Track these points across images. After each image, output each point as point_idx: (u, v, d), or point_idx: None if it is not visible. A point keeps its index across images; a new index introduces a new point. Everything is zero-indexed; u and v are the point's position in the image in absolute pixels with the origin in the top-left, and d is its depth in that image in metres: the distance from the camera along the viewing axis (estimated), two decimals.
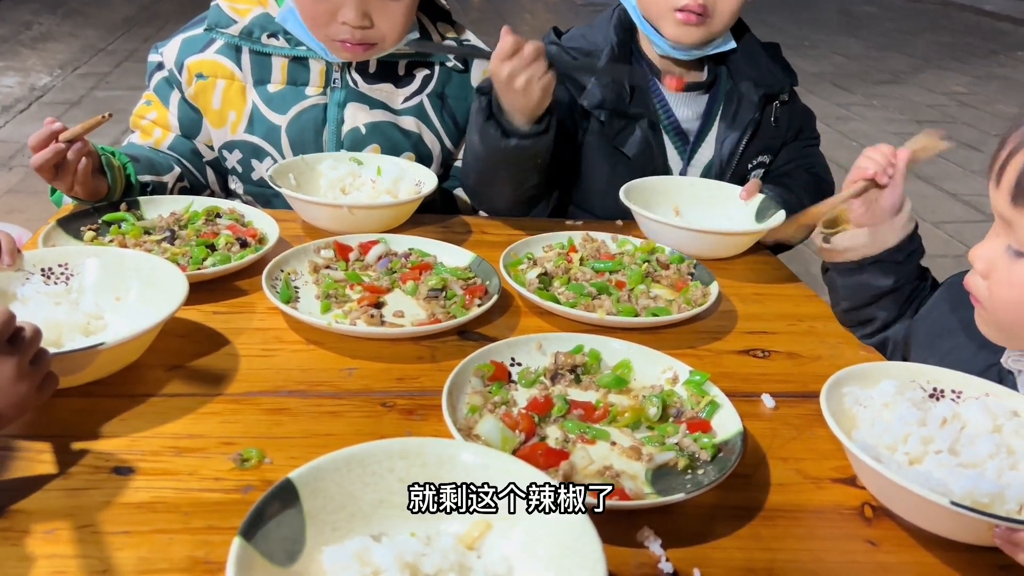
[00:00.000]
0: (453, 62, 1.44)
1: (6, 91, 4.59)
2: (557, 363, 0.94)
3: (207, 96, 1.39)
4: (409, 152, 1.44)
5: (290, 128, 1.39)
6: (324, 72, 1.38)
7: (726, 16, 1.35)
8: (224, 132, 1.40)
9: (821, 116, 5.23)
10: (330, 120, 1.40)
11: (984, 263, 0.85)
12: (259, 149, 1.40)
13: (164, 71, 1.41)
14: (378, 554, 0.59)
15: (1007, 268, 0.82)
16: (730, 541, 0.74)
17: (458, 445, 0.70)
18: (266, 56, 1.37)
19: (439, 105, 1.45)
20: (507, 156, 1.25)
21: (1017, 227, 0.81)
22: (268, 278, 1.04)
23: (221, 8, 1.38)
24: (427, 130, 1.45)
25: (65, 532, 0.68)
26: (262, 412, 0.85)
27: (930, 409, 0.82)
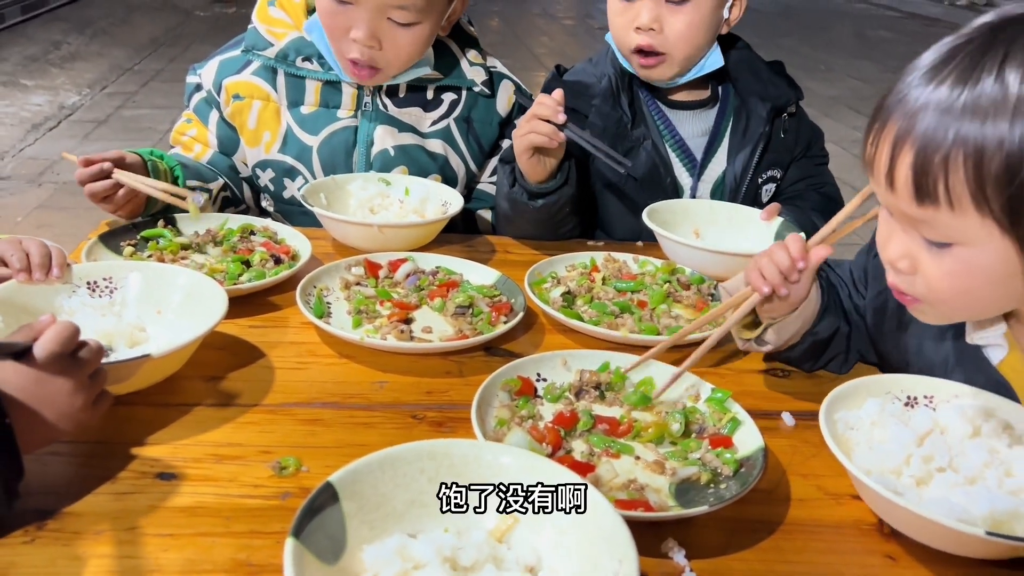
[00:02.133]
0: (480, 87, 1.48)
1: (36, 109, 4.69)
2: (582, 380, 0.96)
3: (243, 116, 1.44)
4: (436, 174, 1.48)
5: (321, 149, 1.43)
6: (356, 96, 1.43)
7: (683, 47, 1.37)
8: (258, 152, 1.45)
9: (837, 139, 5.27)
10: (360, 142, 1.44)
11: (907, 261, 0.80)
12: (291, 169, 1.45)
13: (203, 92, 1.46)
14: (417, 550, 0.63)
15: (936, 262, 0.77)
16: (752, 553, 0.76)
17: (483, 445, 0.74)
18: (300, 79, 1.42)
19: (465, 129, 1.49)
20: (538, 214, 1.34)
21: (931, 222, 0.75)
22: (302, 294, 1.08)
23: (258, 31, 1.43)
24: (453, 153, 1.49)
25: (113, 534, 0.71)
26: (298, 422, 0.88)
27: (910, 420, 0.84)
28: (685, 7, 1.35)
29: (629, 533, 0.62)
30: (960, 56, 0.73)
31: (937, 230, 0.75)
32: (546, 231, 1.39)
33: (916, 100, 0.73)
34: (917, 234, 0.78)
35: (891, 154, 0.75)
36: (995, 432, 0.82)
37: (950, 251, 0.76)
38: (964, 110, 0.70)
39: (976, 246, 0.74)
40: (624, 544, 0.62)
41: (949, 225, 0.74)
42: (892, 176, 0.75)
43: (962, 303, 0.80)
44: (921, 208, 0.74)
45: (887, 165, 0.76)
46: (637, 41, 1.37)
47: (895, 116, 0.75)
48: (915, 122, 0.73)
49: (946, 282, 0.78)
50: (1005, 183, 0.70)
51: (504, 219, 1.42)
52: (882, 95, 0.79)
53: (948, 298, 0.80)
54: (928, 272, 0.79)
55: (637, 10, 1.36)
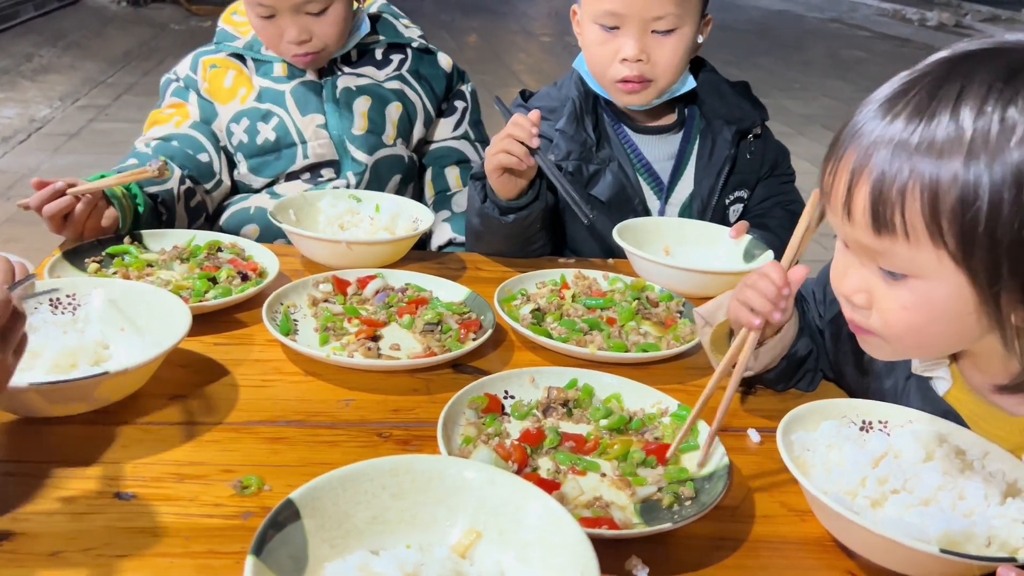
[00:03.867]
0: (418, 42, 1.65)
1: (5, 122, 4.64)
2: (550, 397, 0.96)
3: (219, 80, 1.55)
4: (396, 102, 1.60)
5: (294, 91, 1.54)
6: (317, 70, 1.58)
7: (668, 75, 1.39)
8: (234, 104, 1.54)
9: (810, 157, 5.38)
10: (327, 87, 1.56)
11: (863, 296, 0.80)
12: (267, 113, 1.54)
13: (179, 82, 1.58)
14: (380, 566, 0.63)
15: (893, 294, 0.77)
16: (716, 571, 0.76)
17: (445, 460, 0.74)
18: (267, 62, 1.56)
19: (417, 78, 1.64)
20: (510, 230, 1.35)
21: (888, 253, 0.75)
22: (268, 311, 1.07)
23: (226, 30, 1.60)
24: (409, 90, 1.63)
25: (69, 555, 0.70)
26: (261, 441, 0.88)
27: (866, 444, 0.85)
28: (671, 37, 1.36)
29: (592, 547, 0.62)
30: (916, 90, 0.73)
31: (894, 261, 0.76)
32: (517, 247, 1.39)
33: (872, 133, 0.74)
34: (874, 267, 0.78)
35: (848, 185, 0.75)
36: (948, 457, 0.83)
37: (906, 283, 0.76)
38: (919, 147, 0.71)
39: (932, 279, 0.74)
40: (586, 557, 0.62)
41: (905, 256, 0.74)
42: (849, 206, 0.76)
43: (915, 340, 0.80)
44: (878, 239, 0.75)
45: (844, 195, 0.76)
46: (623, 73, 1.37)
47: (851, 147, 0.76)
48: (871, 155, 0.73)
49: (902, 316, 0.78)
50: (959, 216, 0.70)
51: (475, 235, 1.42)
52: (839, 127, 0.80)
53: (902, 333, 0.80)
54: (884, 306, 0.79)
55: (621, 42, 1.36)
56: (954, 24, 11.35)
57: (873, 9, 12.89)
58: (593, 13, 1.37)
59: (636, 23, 1.34)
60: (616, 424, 0.93)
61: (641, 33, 1.35)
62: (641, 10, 1.33)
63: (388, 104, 1.60)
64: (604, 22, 1.36)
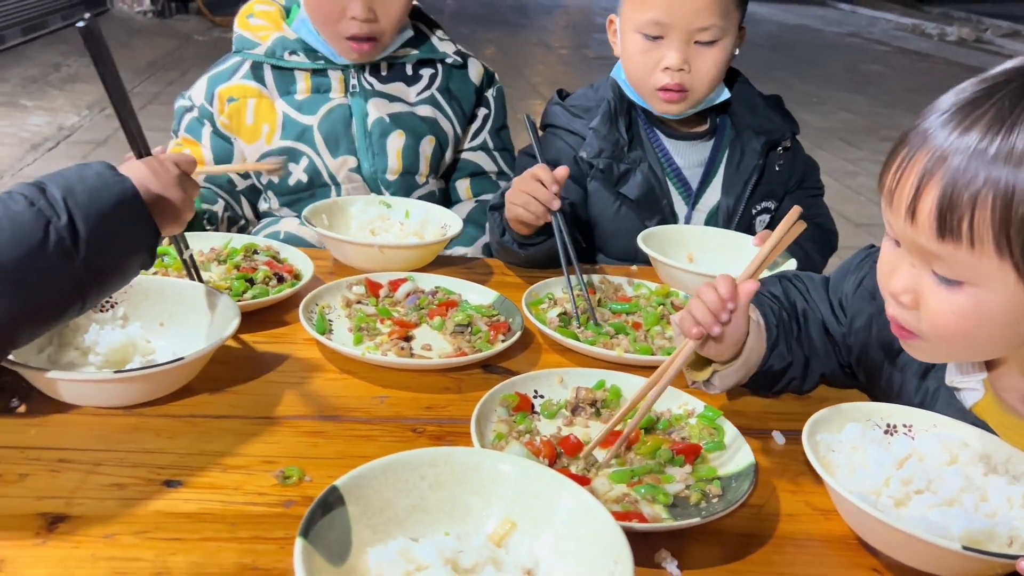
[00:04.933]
0: (452, 58, 1.60)
1: (35, 129, 4.72)
2: (578, 397, 0.99)
3: (240, 116, 1.51)
4: (430, 135, 1.58)
5: (321, 126, 1.51)
6: (343, 79, 1.53)
7: (707, 86, 1.41)
8: (259, 145, 1.52)
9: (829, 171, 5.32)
10: (356, 115, 1.53)
11: (911, 296, 0.80)
12: (295, 151, 1.51)
13: (194, 111, 1.54)
14: (420, 552, 0.66)
15: (944, 298, 0.78)
16: (743, 565, 0.78)
17: (482, 453, 0.77)
18: (289, 71, 1.51)
19: (448, 97, 1.61)
20: (530, 258, 1.38)
21: (948, 259, 0.75)
22: (304, 311, 1.10)
23: (244, 36, 1.54)
24: (442, 116, 1.60)
25: (122, 537, 0.73)
26: (300, 434, 0.91)
27: (890, 446, 0.87)
28: (713, 48, 1.38)
29: (624, 535, 0.65)
30: (995, 99, 0.74)
31: (952, 267, 0.76)
32: (542, 265, 1.41)
33: (946, 139, 0.74)
34: (927, 269, 0.78)
35: (916, 187, 0.75)
36: (971, 461, 0.85)
37: (961, 289, 0.76)
38: (997, 155, 0.71)
39: (988, 287, 0.75)
40: (619, 545, 0.64)
41: (966, 263, 0.74)
42: (915, 208, 0.76)
43: (962, 343, 0.81)
44: (941, 243, 0.74)
45: (910, 198, 0.76)
46: (664, 81, 1.39)
47: (922, 151, 0.76)
48: (945, 160, 0.73)
49: (952, 320, 0.78)
50: None
51: (497, 255, 1.46)
52: (905, 129, 0.80)
53: (950, 336, 0.80)
54: (933, 308, 0.79)
55: (664, 52, 1.38)
56: (974, 39, 11.32)
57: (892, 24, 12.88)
58: (637, 23, 1.39)
59: (680, 33, 1.37)
60: (644, 424, 0.95)
61: (684, 44, 1.37)
62: (687, 21, 1.35)
63: (422, 139, 1.57)
64: (648, 31, 1.38)
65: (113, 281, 0.86)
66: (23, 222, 0.77)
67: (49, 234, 0.78)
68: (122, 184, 0.84)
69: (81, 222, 0.79)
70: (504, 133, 1.71)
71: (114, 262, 0.84)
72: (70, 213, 0.79)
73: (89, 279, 0.81)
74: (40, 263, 0.78)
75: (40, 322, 0.82)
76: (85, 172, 0.84)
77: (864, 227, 4.12)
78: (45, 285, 0.79)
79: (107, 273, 0.84)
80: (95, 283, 0.83)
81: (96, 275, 0.82)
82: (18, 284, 0.77)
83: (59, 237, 0.78)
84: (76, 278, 0.80)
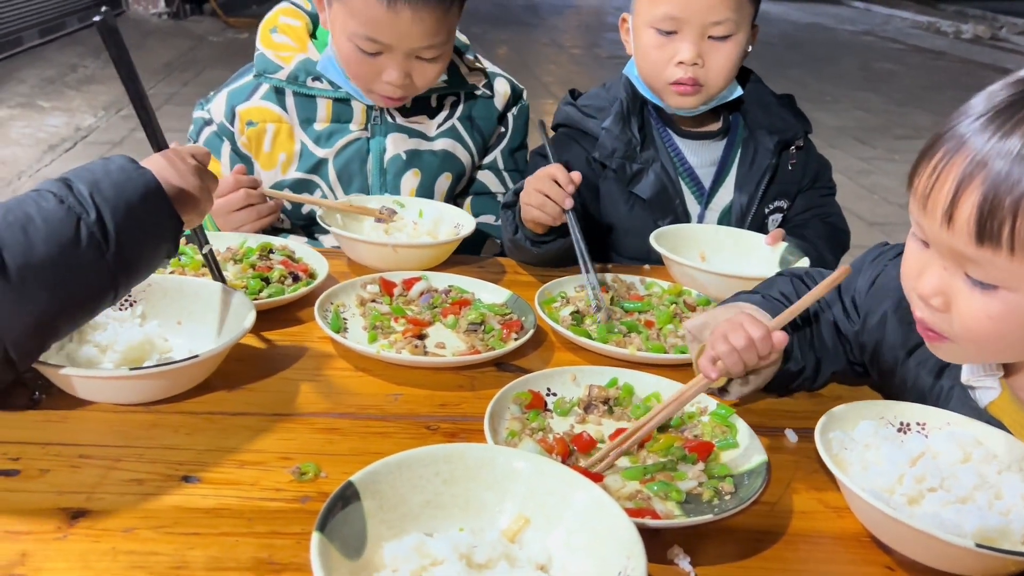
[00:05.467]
0: (481, 90, 1.56)
1: (52, 130, 4.77)
2: (591, 395, 0.99)
3: (259, 141, 1.49)
4: (446, 172, 1.55)
5: (336, 160, 1.50)
6: (365, 111, 1.50)
7: (720, 80, 1.41)
8: (274, 174, 1.50)
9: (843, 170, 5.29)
10: (373, 151, 1.51)
11: (942, 299, 0.80)
12: (308, 183, 1.50)
13: (213, 126, 1.52)
14: (435, 547, 0.66)
15: (978, 301, 0.78)
16: (755, 562, 0.78)
17: (496, 449, 0.77)
18: (311, 98, 1.47)
19: (469, 126, 1.57)
20: (542, 256, 1.38)
21: (985, 264, 0.75)
22: (319, 309, 1.11)
23: (267, 56, 1.48)
24: (460, 147, 1.56)
25: (141, 531, 0.74)
26: (316, 431, 0.92)
27: (903, 444, 0.87)
28: (727, 43, 1.39)
29: (636, 530, 0.65)
30: None
31: (988, 271, 0.75)
32: (553, 264, 1.42)
33: (985, 144, 0.73)
34: (960, 272, 0.78)
35: (955, 191, 0.75)
36: (985, 459, 0.85)
37: (995, 293, 0.76)
38: None
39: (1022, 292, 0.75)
40: (632, 541, 0.65)
41: (1004, 268, 0.74)
42: (952, 213, 0.75)
43: (994, 346, 0.81)
44: (979, 248, 0.74)
45: (947, 202, 0.75)
46: (678, 75, 1.39)
47: (959, 155, 0.75)
48: (985, 164, 0.73)
49: (987, 324, 0.78)
50: None
51: (510, 253, 1.46)
52: (937, 132, 0.79)
53: (982, 340, 0.80)
54: (966, 311, 0.79)
55: (677, 46, 1.38)
56: (989, 37, 11.24)
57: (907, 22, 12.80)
58: (650, 18, 1.39)
59: (695, 28, 1.37)
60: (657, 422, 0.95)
61: (698, 38, 1.37)
62: (700, 15, 1.36)
63: (437, 177, 1.54)
64: (662, 26, 1.39)
65: (141, 271, 0.89)
66: (56, 220, 0.80)
67: (80, 230, 0.81)
68: (144, 177, 0.87)
69: (109, 216, 0.82)
70: (520, 154, 1.65)
71: (142, 253, 0.87)
72: (98, 208, 0.82)
73: (120, 271, 0.84)
74: (74, 259, 0.80)
75: (78, 315, 0.86)
76: (108, 167, 0.86)
77: (878, 226, 4.10)
78: (80, 279, 0.82)
79: (136, 264, 0.87)
80: (125, 274, 0.86)
81: (126, 266, 0.85)
82: (56, 280, 0.80)
83: (90, 232, 0.81)
84: (108, 271, 0.83)
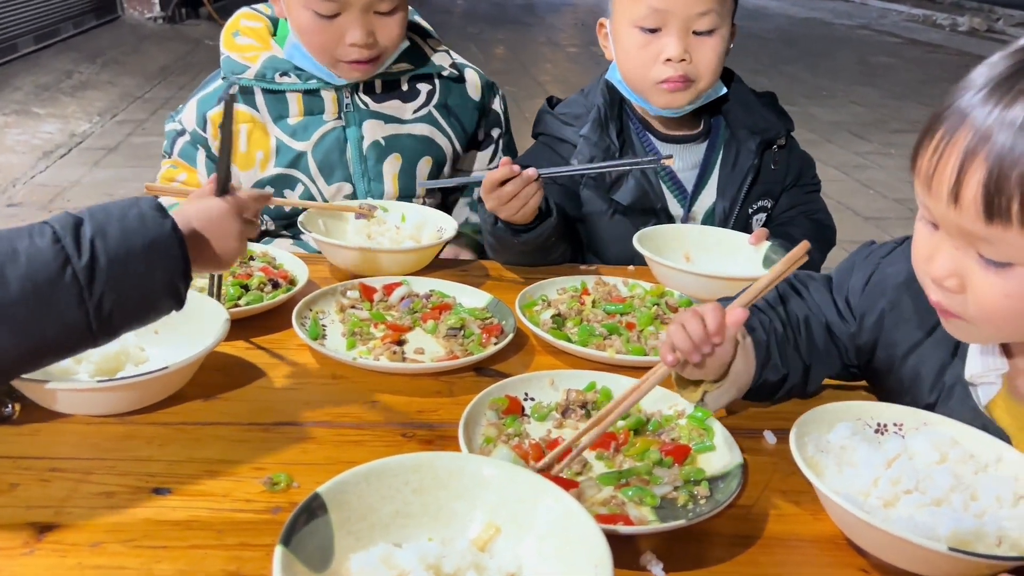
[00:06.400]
0: (448, 70, 1.57)
1: (47, 137, 4.77)
2: (569, 399, 0.99)
3: (234, 143, 1.49)
4: (427, 156, 1.55)
5: (315, 152, 1.49)
6: (336, 100, 1.50)
7: (709, 75, 1.40)
8: (253, 173, 1.50)
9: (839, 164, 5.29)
10: (351, 139, 1.50)
11: (956, 280, 0.78)
12: (289, 178, 1.50)
13: (186, 135, 1.52)
14: (402, 558, 0.66)
15: (994, 281, 0.76)
16: (729, 567, 0.78)
17: (466, 458, 0.77)
18: (281, 94, 1.47)
19: (446, 114, 1.57)
20: (524, 247, 1.36)
21: (996, 241, 0.73)
22: (298, 316, 1.11)
23: (232, 58, 1.49)
24: (439, 134, 1.56)
25: (109, 545, 0.74)
26: (290, 441, 0.91)
27: (880, 445, 0.86)
28: (711, 37, 1.38)
29: (605, 540, 0.65)
30: None
31: (1001, 249, 0.74)
32: (536, 259, 1.42)
33: (988, 117, 0.71)
34: (972, 252, 0.76)
35: (959, 168, 0.73)
36: (961, 459, 0.85)
37: (1011, 271, 0.75)
38: None
39: None
40: (600, 551, 0.64)
41: (1016, 245, 0.72)
42: (958, 192, 0.73)
43: (1012, 325, 0.79)
44: (989, 226, 0.72)
45: (953, 180, 0.73)
46: (667, 73, 1.38)
47: (962, 131, 0.73)
48: (988, 138, 0.71)
49: (1004, 303, 0.76)
50: None
51: (492, 250, 1.44)
52: (937, 109, 0.77)
53: (999, 319, 0.78)
54: (981, 291, 0.77)
55: (663, 43, 1.37)
56: (985, 29, 11.21)
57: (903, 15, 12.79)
58: (632, 17, 1.38)
59: (678, 22, 1.36)
60: (633, 425, 0.95)
61: (684, 33, 1.36)
62: (685, 6, 1.34)
63: (418, 161, 1.54)
64: (645, 24, 1.37)
65: (130, 323, 0.84)
66: (41, 260, 0.76)
67: (65, 273, 0.77)
68: (161, 227, 0.82)
69: (104, 264, 0.78)
70: (512, 146, 1.68)
71: (130, 305, 0.82)
72: (93, 254, 0.78)
73: (101, 319, 0.80)
74: (49, 301, 0.77)
75: (46, 356, 0.81)
76: (128, 211, 0.82)
77: (873, 221, 4.09)
78: (53, 322, 0.77)
79: (122, 315, 0.82)
80: (108, 324, 0.81)
81: (110, 317, 0.80)
82: (23, 320, 0.76)
83: (74, 277, 0.77)
84: (87, 319, 0.79)
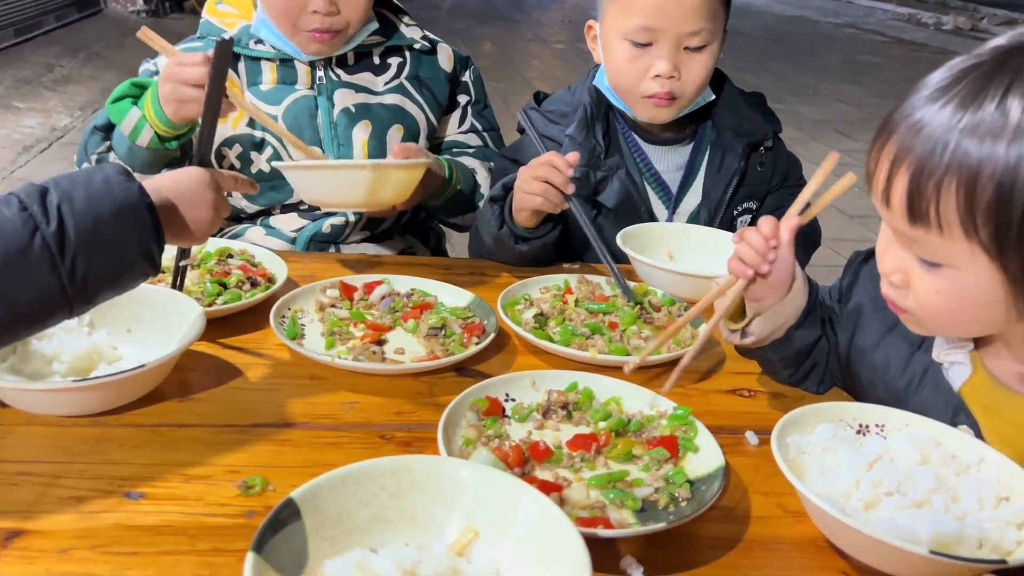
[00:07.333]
0: (420, 43, 1.57)
1: (27, 131, 4.72)
2: (550, 400, 0.98)
3: None
4: (397, 124, 1.54)
5: (286, 116, 1.49)
6: (310, 72, 1.50)
7: (694, 92, 1.39)
8: (225, 128, 1.49)
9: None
10: (321, 107, 1.50)
11: (900, 275, 0.83)
12: (260, 141, 1.49)
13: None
14: (378, 564, 0.65)
15: (927, 279, 0.80)
16: (710, 570, 0.77)
17: (443, 461, 0.75)
18: (255, 60, 1.49)
19: (417, 85, 1.57)
20: (522, 255, 1.36)
21: (923, 243, 0.78)
22: (276, 316, 1.09)
23: (211, 22, 1.52)
24: (411, 103, 1.56)
25: (78, 552, 0.72)
26: (267, 442, 0.90)
27: (862, 447, 0.86)
28: (702, 54, 1.36)
29: (583, 543, 0.64)
30: (968, 79, 0.74)
31: (928, 250, 0.78)
32: (527, 265, 1.40)
33: (920, 119, 0.75)
34: (911, 252, 0.81)
35: (889, 172, 0.77)
36: (943, 460, 0.84)
37: (940, 271, 0.79)
38: (963, 133, 0.72)
39: (964, 269, 0.77)
40: (578, 554, 0.63)
41: (939, 247, 0.76)
42: (888, 194, 0.78)
43: (948, 322, 0.84)
44: (913, 228, 0.77)
45: (884, 183, 0.78)
46: (654, 89, 1.37)
47: (898, 133, 0.77)
48: (915, 142, 0.75)
49: (935, 300, 0.80)
50: (994, 212, 0.71)
51: (487, 252, 1.43)
52: (890, 110, 0.81)
53: (936, 316, 0.83)
54: (919, 288, 0.81)
55: (653, 59, 1.35)
56: (970, 28, 11.28)
57: (888, 14, 12.85)
58: (623, 29, 1.36)
59: (670, 39, 1.34)
60: (615, 426, 0.94)
61: (674, 50, 1.35)
62: (677, 25, 1.33)
63: (388, 129, 1.53)
64: (636, 38, 1.35)
65: (104, 289, 0.83)
66: (10, 228, 0.76)
67: (35, 240, 0.77)
68: (127, 191, 0.82)
69: (72, 229, 0.78)
70: (488, 112, 1.68)
71: (103, 270, 0.81)
72: (61, 219, 0.78)
73: (76, 286, 0.79)
74: (21, 270, 0.76)
75: (23, 326, 0.81)
76: (93, 176, 0.82)
77: (858, 219, 4.10)
78: (26, 291, 0.77)
79: (96, 281, 0.81)
80: (83, 291, 0.80)
81: (84, 283, 0.80)
82: None
83: (45, 244, 0.77)
84: (61, 285, 0.78)
